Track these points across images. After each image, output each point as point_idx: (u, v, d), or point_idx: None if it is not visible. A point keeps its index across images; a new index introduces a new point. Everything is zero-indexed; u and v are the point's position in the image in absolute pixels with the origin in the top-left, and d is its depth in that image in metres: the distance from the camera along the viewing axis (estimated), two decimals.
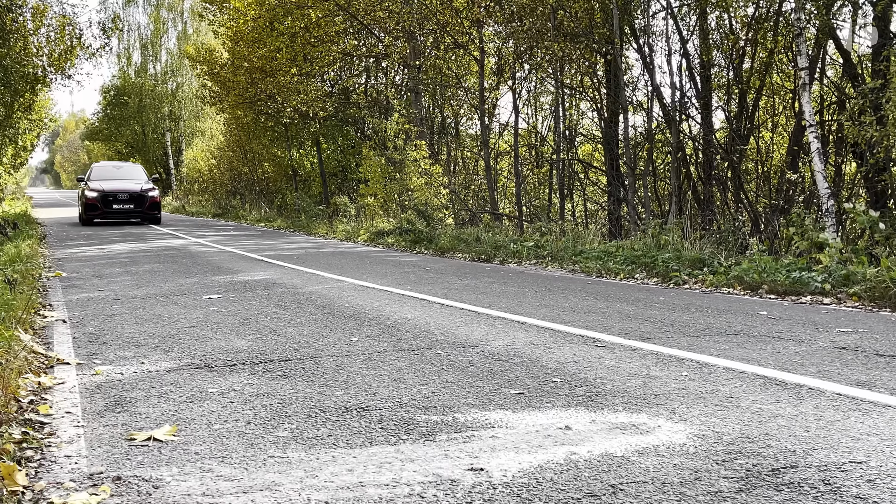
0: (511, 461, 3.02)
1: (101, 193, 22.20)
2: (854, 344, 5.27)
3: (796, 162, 14.85)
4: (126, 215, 22.62)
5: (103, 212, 22.17)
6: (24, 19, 18.00)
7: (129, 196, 22.43)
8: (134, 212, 22.52)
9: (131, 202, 22.44)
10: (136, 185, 23.34)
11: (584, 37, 16.27)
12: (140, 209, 22.57)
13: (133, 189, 22.77)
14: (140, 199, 22.66)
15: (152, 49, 51.90)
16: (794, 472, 2.85)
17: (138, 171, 25.46)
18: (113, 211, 22.29)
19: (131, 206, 22.41)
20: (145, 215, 22.93)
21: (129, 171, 25.33)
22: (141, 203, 22.65)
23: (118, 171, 24.75)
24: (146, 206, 22.79)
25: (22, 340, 5.15)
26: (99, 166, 25.39)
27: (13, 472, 2.81)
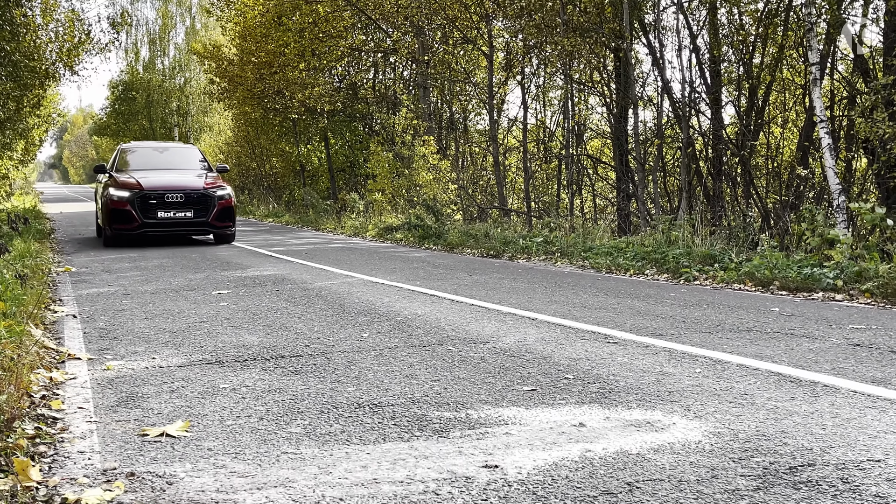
0: (526, 458, 3.00)
1: (138, 193, 13.69)
2: (868, 341, 5.24)
3: (807, 157, 14.78)
4: (179, 228, 13.95)
5: (141, 223, 13.60)
6: (34, 14, 18.03)
7: (185, 196, 13.88)
8: (193, 223, 13.96)
9: (188, 206, 13.87)
10: (194, 177, 14.60)
11: (593, 31, 16.21)
12: (202, 218, 13.98)
13: (189, 185, 14.11)
14: (202, 201, 13.98)
15: (160, 44, 51.98)
16: (811, 471, 2.83)
17: (193, 154, 16.35)
18: (158, 222, 13.69)
19: (188, 214, 13.86)
20: (212, 229, 14.28)
21: (180, 154, 16.31)
22: (204, 208, 13.98)
23: (162, 155, 16.02)
24: (212, 212, 14.03)
25: (33, 336, 5.15)
26: (131, 149, 16.14)
27: (27, 468, 2.80)
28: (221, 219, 14.24)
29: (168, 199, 13.72)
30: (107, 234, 14.04)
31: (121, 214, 13.67)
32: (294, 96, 23.10)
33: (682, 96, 16.28)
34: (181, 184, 14.11)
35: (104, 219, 14.07)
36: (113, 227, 13.77)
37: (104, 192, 14.17)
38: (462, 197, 20.42)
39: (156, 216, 13.68)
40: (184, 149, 16.83)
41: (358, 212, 20.22)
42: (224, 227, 14.36)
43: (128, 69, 50.64)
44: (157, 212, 13.68)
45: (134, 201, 13.62)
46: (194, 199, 13.91)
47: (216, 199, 14.08)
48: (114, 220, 13.73)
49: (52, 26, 19.13)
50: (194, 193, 13.93)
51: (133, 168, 15.05)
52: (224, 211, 14.23)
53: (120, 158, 15.53)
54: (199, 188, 14.01)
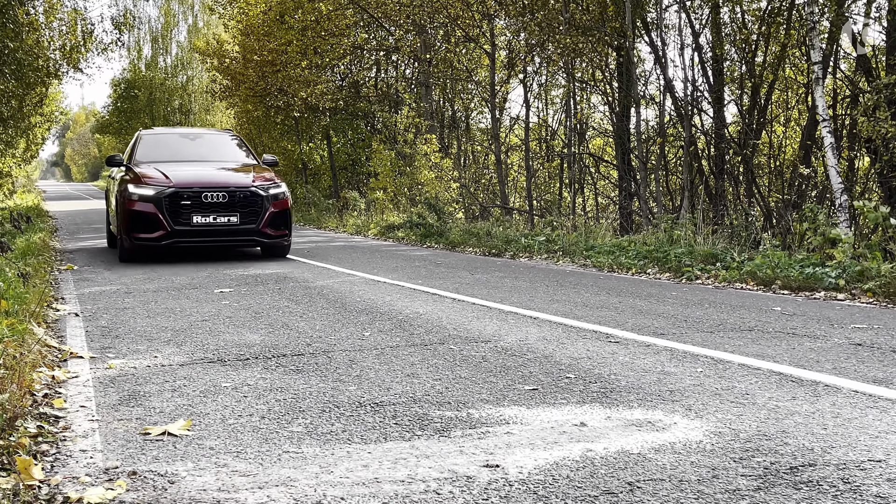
0: (527, 458, 3.00)
1: (166, 191, 10.59)
2: (870, 340, 5.24)
3: (809, 156, 14.78)
4: (221, 238, 10.85)
5: (171, 230, 10.52)
6: (37, 12, 18.06)
7: (229, 196, 10.75)
8: (238, 231, 10.83)
9: (232, 209, 10.75)
10: (239, 171, 11.57)
11: (596, 30, 16.21)
12: (251, 224, 10.83)
13: (234, 181, 11.06)
14: (251, 202, 10.86)
15: (163, 42, 52.00)
16: (812, 471, 2.83)
17: (231, 142, 13.15)
18: (193, 230, 10.61)
19: (232, 219, 10.74)
20: (262, 239, 11.06)
21: (215, 142, 13.21)
22: (252, 212, 10.86)
23: (193, 143, 12.89)
24: (264, 217, 10.91)
25: (36, 334, 5.16)
26: (154, 136, 13.07)
27: (29, 467, 2.81)
28: (275, 225, 10.94)
29: (207, 200, 10.50)
30: (123, 244, 10.71)
31: (143, 220, 10.40)
32: (296, 94, 23.10)
33: (684, 95, 16.27)
34: (223, 179, 10.97)
35: (120, 225, 10.69)
36: (132, 237, 10.44)
37: (120, 191, 10.87)
38: (464, 195, 20.43)
39: (190, 222, 10.44)
40: (220, 135, 13.73)
41: (360, 210, 20.24)
42: (279, 236, 11.07)
43: (130, 67, 50.69)
44: (192, 216, 10.44)
45: (161, 202, 10.41)
46: (241, 200, 10.69)
47: (269, 200, 10.85)
48: (134, 228, 10.44)
49: (56, 25, 19.16)
50: (240, 192, 10.72)
51: (157, 159, 11.70)
52: (279, 215, 10.97)
53: (140, 147, 12.16)
54: (246, 185, 10.84)
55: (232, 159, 12.38)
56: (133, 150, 12.33)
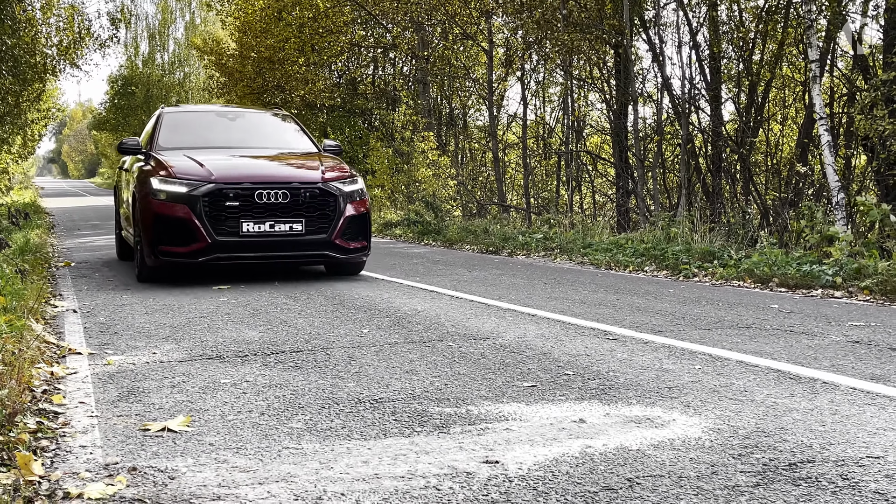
0: (526, 454, 3.01)
1: (205, 188, 7.87)
2: (867, 338, 5.25)
3: (806, 154, 14.80)
4: (279, 252, 8.13)
5: (212, 242, 7.83)
6: (34, 8, 18.02)
7: (291, 195, 8.04)
8: (303, 242, 8.10)
9: (295, 213, 8.06)
10: (301, 162, 8.92)
11: (593, 28, 16.21)
12: (320, 234, 8.14)
13: (297, 175, 8.41)
14: (321, 204, 8.17)
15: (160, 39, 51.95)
16: (811, 467, 2.84)
17: (284, 125, 10.35)
18: (242, 241, 7.92)
19: (295, 227, 8.04)
20: (336, 253, 8.27)
21: (263, 124, 10.34)
22: (322, 216, 8.16)
23: (234, 124, 10.07)
24: (338, 224, 8.19)
25: (34, 330, 5.16)
26: (182, 115, 10.35)
27: (29, 462, 2.81)
28: (353, 235, 8.23)
29: (261, 200, 7.82)
30: (144, 260, 8.05)
31: (173, 227, 7.77)
32: (294, 91, 23.09)
33: (681, 93, 16.28)
34: (283, 172, 8.41)
35: (140, 233, 8.06)
36: (158, 251, 7.81)
37: (140, 186, 8.17)
38: (461, 193, 20.44)
39: (237, 230, 7.78)
40: (265, 114, 10.62)
41: None
42: (357, 250, 8.31)
43: (127, 64, 50.64)
44: (241, 222, 7.78)
45: (198, 203, 7.72)
46: (307, 201, 7.99)
47: (344, 200, 8.15)
48: (159, 238, 7.81)
49: (52, 21, 19.13)
50: (307, 189, 8.01)
51: (187, 145, 8.95)
52: (358, 221, 8.27)
53: (164, 129, 9.32)
54: (314, 180, 8.11)
55: (285, 145, 9.55)
56: (154, 133, 9.29)
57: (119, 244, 10.87)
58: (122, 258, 10.75)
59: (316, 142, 9.74)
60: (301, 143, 9.76)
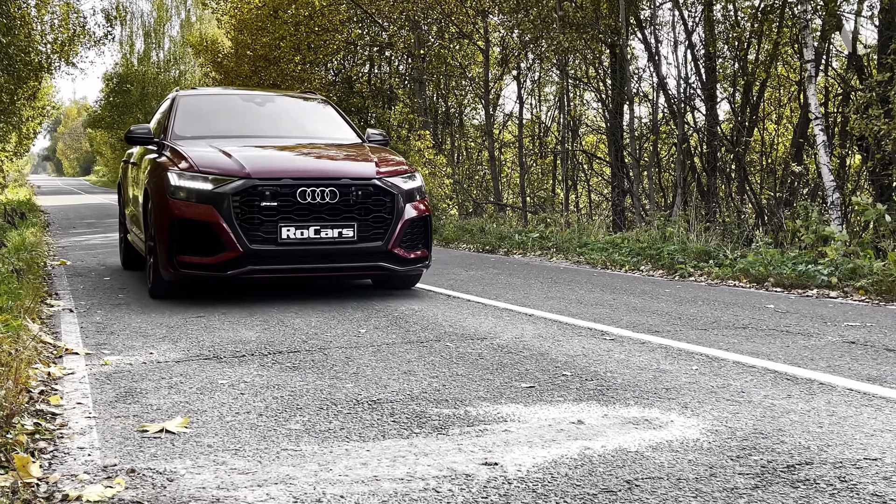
0: (525, 456, 3.01)
1: (235, 184, 6.50)
2: (863, 338, 5.26)
3: (801, 154, 14.83)
4: (326, 264, 6.74)
5: (246, 252, 6.44)
6: (28, 6, 17.98)
7: (339, 194, 6.67)
8: (354, 251, 6.73)
9: (345, 215, 6.69)
10: (349, 154, 7.46)
11: (589, 27, 16.22)
12: (375, 241, 6.77)
13: (344, 170, 6.96)
14: (375, 204, 6.81)
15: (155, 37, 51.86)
16: (809, 469, 2.85)
17: (322, 111, 8.84)
18: (282, 250, 6.53)
19: (345, 233, 6.66)
20: (394, 265, 6.89)
21: (298, 111, 8.91)
22: (378, 220, 6.81)
23: (262, 109, 8.57)
24: (396, 229, 6.84)
25: (30, 330, 5.15)
26: (200, 100, 8.63)
27: (27, 464, 2.81)
28: (412, 242, 7.00)
29: (304, 200, 6.54)
30: (160, 273, 6.77)
31: (196, 232, 6.50)
32: (290, 89, 23.06)
33: (677, 92, 16.30)
34: (329, 166, 7.05)
35: (157, 240, 6.75)
36: (177, 261, 6.55)
37: (154, 182, 6.94)
38: (457, 192, 20.43)
39: (276, 237, 6.49)
40: (299, 100, 9.18)
41: None
42: (416, 260, 7.04)
43: (122, 61, 50.55)
44: (281, 227, 6.49)
45: (227, 203, 6.43)
46: (359, 200, 6.71)
47: (403, 200, 6.90)
48: (179, 245, 6.54)
49: (48, 18, 19.09)
50: (358, 187, 6.74)
51: (209, 133, 7.67)
52: (418, 226, 7.05)
53: (180, 115, 7.97)
54: (366, 175, 6.85)
55: (323, 134, 8.18)
56: (169, 119, 7.93)
57: (124, 251, 9.49)
58: (128, 266, 9.39)
59: (359, 131, 8.38)
60: (342, 132, 8.34)
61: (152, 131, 7.96)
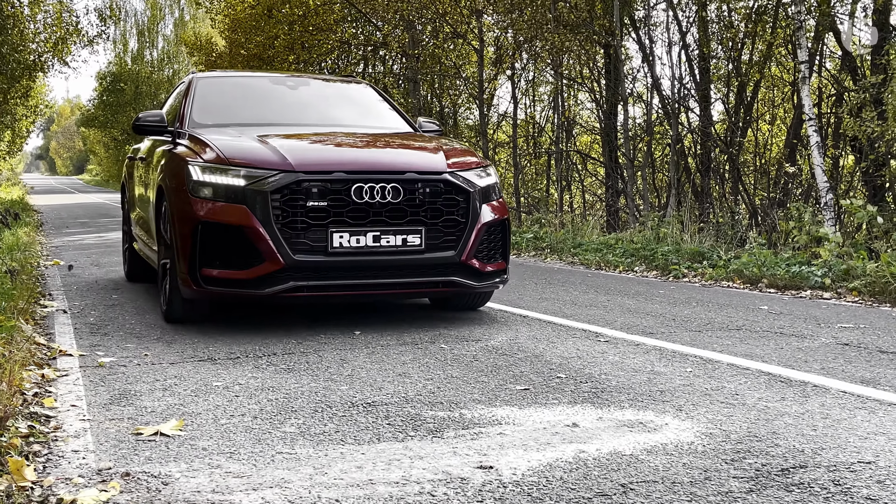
0: (520, 459, 3.02)
1: (274, 179, 5.25)
2: (857, 340, 5.28)
3: (795, 155, 14.86)
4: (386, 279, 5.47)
5: (289, 263, 5.19)
6: (21, 5, 17.93)
7: (402, 191, 5.42)
8: (420, 263, 5.48)
9: (407, 217, 5.44)
10: (410, 143, 6.21)
11: (584, 28, 16.23)
12: (446, 252, 5.53)
13: (406, 162, 5.73)
14: (445, 205, 5.56)
15: (149, 36, 51.77)
16: (803, 473, 2.86)
17: (367, 97, 7.61)
18: (334, 261, 5.29)
19: (410, 239, 5.42)
20: (468, 280, 5.65)
21: (337, 95, 7.65)
22: (448, 223, 5.56)
23: (296, 93, 7.33)
24: (471, 235, 5.59)
25: (24, 331, 5.13)
26: (222, 83, 7.50)
27: (21, 468, 2.80)
28: (490, 251, 5.84)
29: (361, 199, 5.37)
30: (179, 290, 5.59)
31: (226, 238, 5.34)
32: None
33: (671, 93, 16.32)
34: (389, 159, 5.88)
35: (175, 250, 5.56)
36: (201, 276, 5.38)
37: (171, 178, 5.81)
38: None
39: (326, 244, 5.32)
40: (339, 83, 8.00)
41: None
42: (495, 273, 5.86)
43: (116, 60, 50.46)
44: (332, 232, 5.32)
45: (264, 202, 5.27)
46: (428, 200, 5.54)
47: (477, 198, 5.72)
48: (206, 256, 5.39)
49: (41, 17, 19.05)
50: (426, 183, 5.57)
51: (235, 121, 6.55)
52: (496, 231, 5.87)
53: (198, 101, 6.80)
54: (436, 169, 5.67)
55: (369, 122, 7.08)
56: (185, 106, 6.73)
57: (129, 261, 8.27)
58: (133, 279, 8.26)
59: (410, 119, 7.20)
60: (390, 120, 7.20)
61: (164, 116, 6.65)
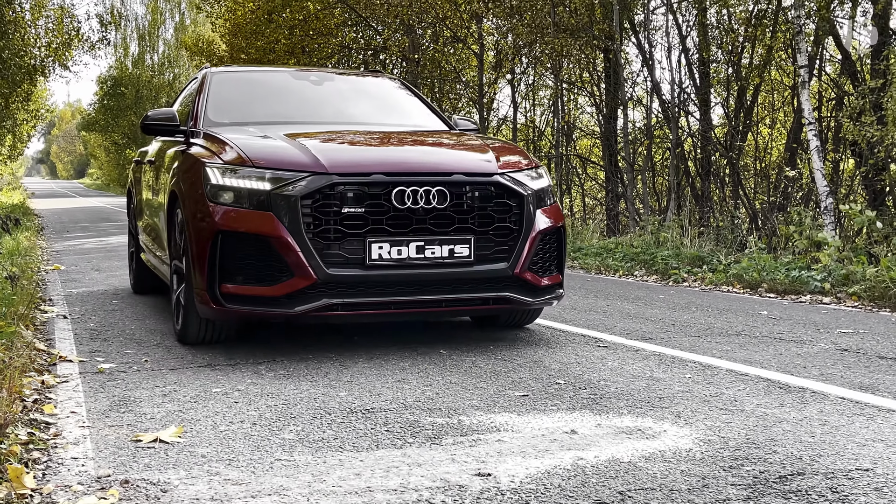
0: (518, 466, 3.02)
1: (304, 182, 4.70)
2: (855, 346, 5.28)
3: (794, 159, 14.87)
4: (431, 296, 4.89)
5: (321, 277, 4.62)
6: (23, 10, 17.98)
7: (449, 195, 4.84)
8: (468, 276, 4.90)
9: (455, 226, 4.85)
10: (454, 145, 5.61)
11: (583, 32, 16.25)
12: (497, 264, 4.95)
13: (451, 164, 5.13)
14: (496, 211, 4.97)
15: (149, 40, 51.84)
16: (801, 480, 2.86)
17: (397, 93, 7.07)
18: (373, 276, 4.72)
19: (458, 250, 4.84)
20: (522, 295, 5.05)
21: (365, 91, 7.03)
22: (500, 231, 4.97)
23: (320, 89, 6.73)
24: (526, 244, 5.01)
25: (24, 337, 5.14)
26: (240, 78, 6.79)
27: (21, 475, 2.81)
28: (545, 263, 5.27)
29: (403, 204, 4.78)
30: (196, 308, 5.00)
31: (250, 250, 4.78)
32: None
33: (671, 97, 16.33)
34: (434, 160, 5.30)
35: (191, 263, 4.99)
36: (222, 292, 4.79)
37: (186, 182, 5.26)
38: None
39: (364, 255, 4.73)
40: (367, 78, 7.39)
41: None
42: (551, 288, 5.31)
43: (117, 64, 50.53)
44: (371, 242, 4.73)
45: (293, 209, 4.68)
46: (477, 205, 4.97)
47: (531, 203, 5.12)
48: (226, 270, 4.80)
49: (42, 22, 19.08)
50: (475, 186, 4.99)
51: (255, 119, 5.99)
52: (551, 240, 5.31)
53: (213, 97, 6.23)
54: (485, 170, 5.09)
55: (403, 121, 6.52)
56: (198, 103, 6.17)
57: (137, 273, 7.78)
58: (141, 291, 7.80)
59: (446, 118, 6.62)
60: (423, 117, 6.59)
61: (176, 114, 6.05)
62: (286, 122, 5.97)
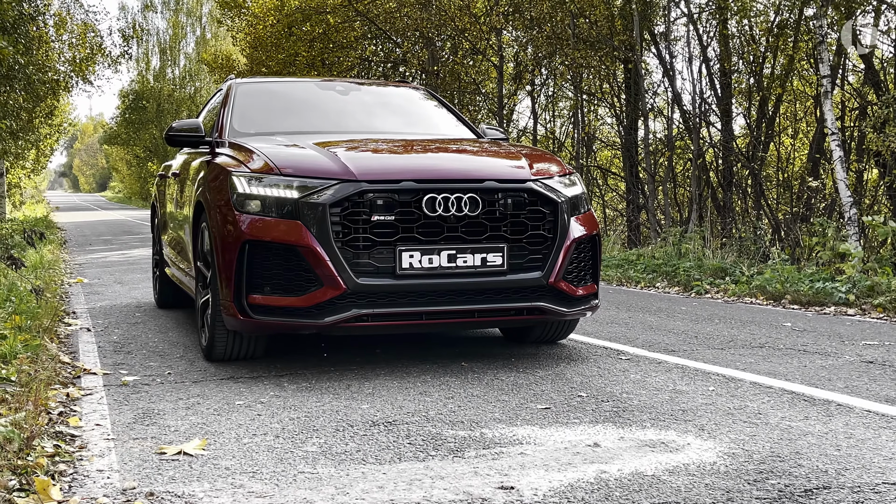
0: (541, 479, 3.01)
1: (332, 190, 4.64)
2: (881, 358, 5.23)
3: (817, 169, 14.77)
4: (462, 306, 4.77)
5: (351, 287, 4.54)
6: (47, 26, 18.20)
7: (480, 202, 4.74)
8: (502, 286, 4.79)
9: (488, 234, 4.76)
10: (485, 152, 5.50)
11: (603, 43, 16.25)
12: (531, 273, 4.85)
13: (483, 170, 5.02)
14: (529, 219, 4.87)
15: (171, 54, 52.29)
16: (826, 494, 2.83)
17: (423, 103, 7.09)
18: (404, 285, 4.63)
19: (491, 259, 4.74)
20: (556, 305, 4.93)
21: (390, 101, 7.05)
22: (533, 239, 4.86)
23: (346, 99, 6.74)
24: (560, 253, 4.90)
25: (49, 350, 5.19)
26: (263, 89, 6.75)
27: (48, 487, 2.83)
28: (580, 272, 5.15)
29: (434, 212, 4.70)
30: (225, 322, 4.90)
31: (280, 260, 4.68)
32: None
33: (692, 107, 16.28)
34: (465, 167, 5.21)
35: (217, 274, 4.90)
36: (249, 303, 4.70)
37: (212, 192, 5.17)
38: None
39: (395, 264, 4.65)
40: (392, 88, 7.49)
41: None
42: (586, 298, 5.17)
43: (138, 78, 51.00)
44: (401, 251, 4.65)
45: (322, 218, 4.61)
46: (510, 213, 4.85)
47: (566, 210, 5.02)
48: (255, 282, 4.71)
49: (65, 37, 19.30)
50: (507, 193, 4.87)
51: (280, 129, 5.96)
52: (586, 249, 5.19)
53: (238, 108, 6.23)
54: (518, 177, 4.99)
55: (430, 131, 6.45)
56: (223, 114, 6.17)
57: (160, 287, 7.75)
58: (165, 306, 7.78)
59: (471, 125, 6.58)
60: (451, 127, 6.55)
61: (201, 125, 5.94)
62: (312, 132, 5.92)
